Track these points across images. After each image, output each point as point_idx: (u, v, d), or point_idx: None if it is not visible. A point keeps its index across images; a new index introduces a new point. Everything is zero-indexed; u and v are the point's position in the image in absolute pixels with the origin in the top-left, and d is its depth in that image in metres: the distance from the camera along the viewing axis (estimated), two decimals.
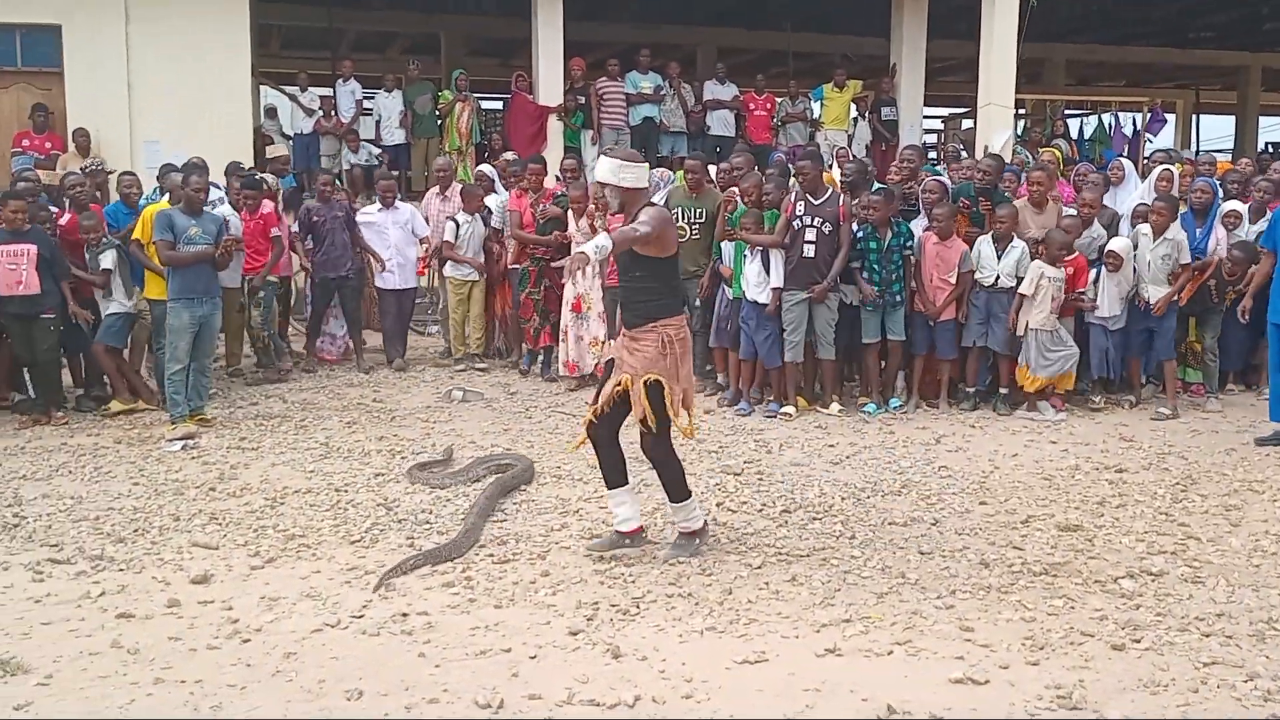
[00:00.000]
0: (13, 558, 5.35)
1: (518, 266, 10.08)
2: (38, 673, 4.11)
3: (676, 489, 5.43)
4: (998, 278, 8.55)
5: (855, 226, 8.57)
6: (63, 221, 8.81)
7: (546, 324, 9.85)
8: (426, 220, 10.66)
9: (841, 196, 8.63)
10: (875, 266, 8.54)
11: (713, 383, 9.34)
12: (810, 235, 8.35)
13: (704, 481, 6.69)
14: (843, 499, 6.37)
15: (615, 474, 5.44)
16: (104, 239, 8.56)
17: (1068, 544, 5.62)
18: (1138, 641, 4.45)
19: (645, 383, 5.24)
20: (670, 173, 10.82)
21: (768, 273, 8.46)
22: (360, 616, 4.67)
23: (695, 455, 7.30)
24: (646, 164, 5.50)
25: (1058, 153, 12.76)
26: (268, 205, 9.77)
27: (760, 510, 6.17)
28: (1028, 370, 8.50)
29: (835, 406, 8.57)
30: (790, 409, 8.47)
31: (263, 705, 3.89)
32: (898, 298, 8.60)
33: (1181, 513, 6.17)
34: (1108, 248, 8.75)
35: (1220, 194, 9.54)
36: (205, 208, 8.39)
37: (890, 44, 16.15)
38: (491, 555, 5.42)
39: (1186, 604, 4.86)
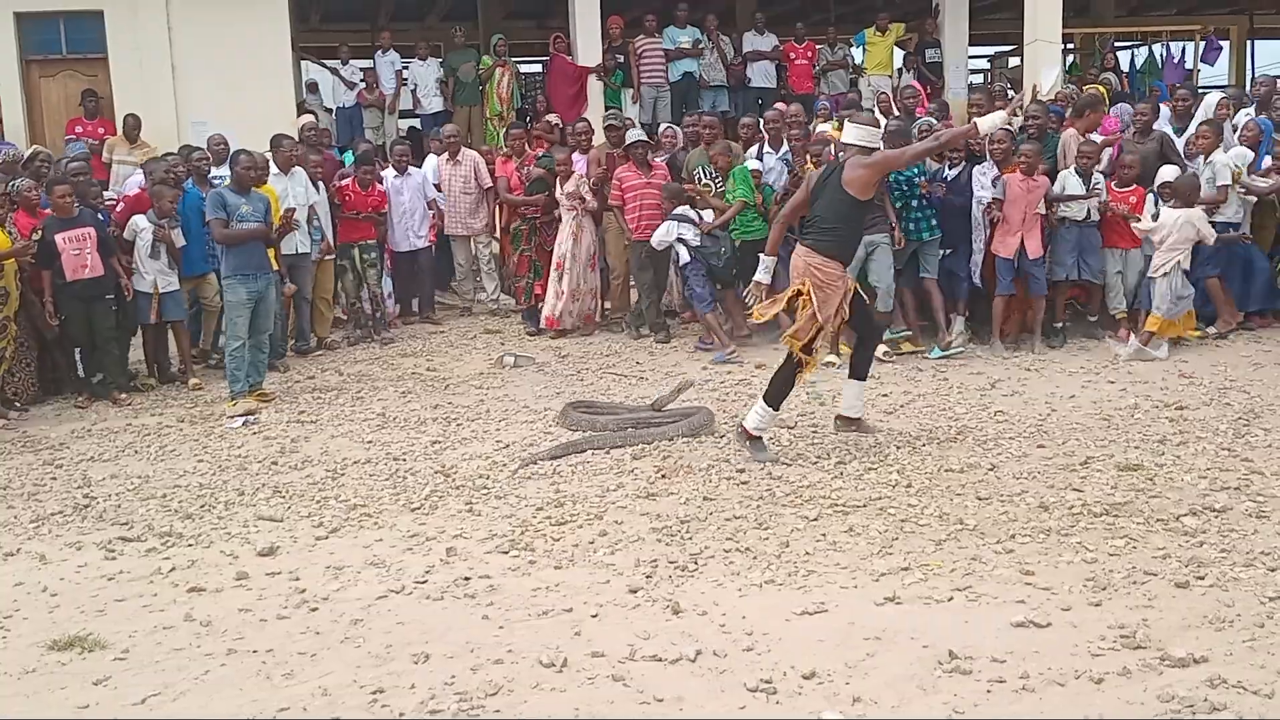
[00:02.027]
0: (85, 537, 5.50)
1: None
2: (114, 648, 4.24)
3: (776, 396, 6.24)
4: (1089, 211, 8.71)
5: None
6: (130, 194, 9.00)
7: (540, 279, 10.16)
8: (437, 187, 10.99)
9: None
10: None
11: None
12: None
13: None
14: (898, 448, 6.35)
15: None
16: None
17: (1128, 484, 5.57)
18: (1201, 579, 4.41)
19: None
20: (677, 130, 10.84)
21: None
22: (424, 582, 4.75)
23: (749, 410, 7.29)
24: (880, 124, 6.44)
25: (1103, 88, 12.47)
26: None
27: (815, 462, 6.17)
28: (1157, 317, 8.45)
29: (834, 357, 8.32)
30: (834, 357, 8.33)
31: (333, 671, 3.98)
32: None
33: (1244, 448, 6.08)
34: (1160, 179, 8.83)
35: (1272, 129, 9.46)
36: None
37: None
38: (549, 517, 5.48)
39: (1251, 539, 4.81)
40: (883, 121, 10.54)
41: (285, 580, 4.86)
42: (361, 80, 14.29)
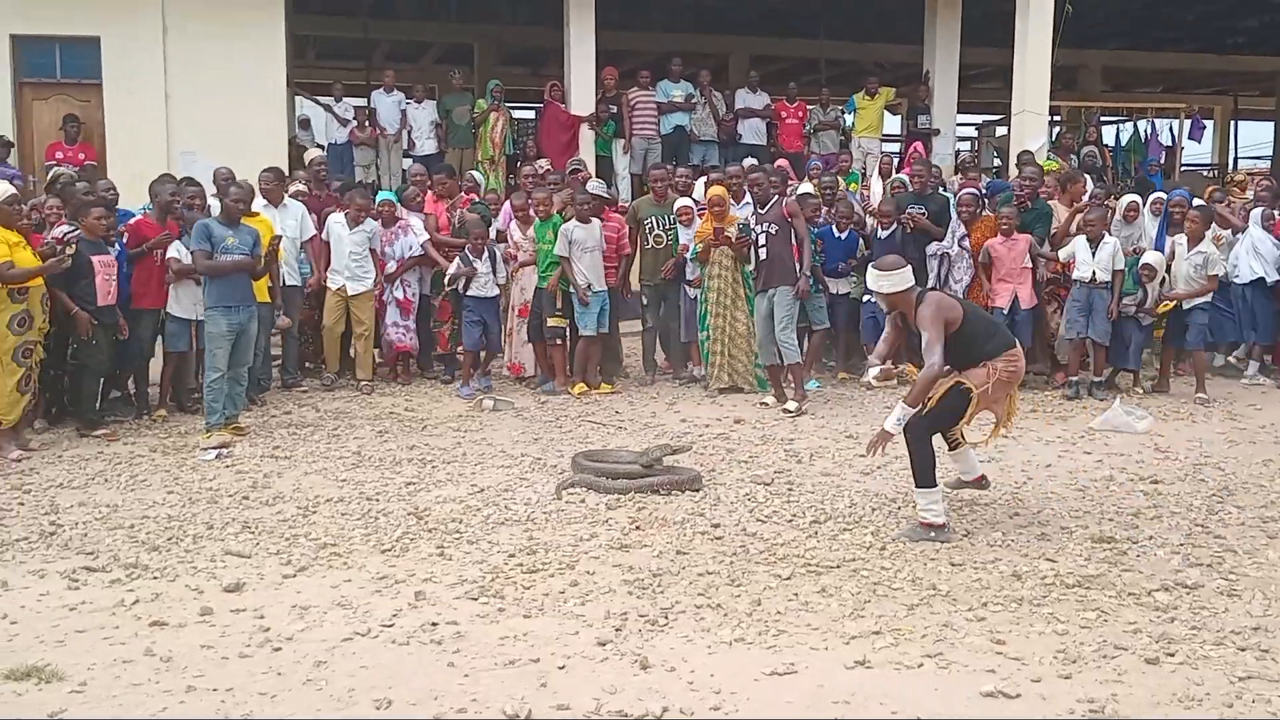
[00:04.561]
0: (49, 565, 5.42)
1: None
2: (71, 680, 4.15)
3: (924, 476, 5.84)
4: (1094, 274, 9.33)
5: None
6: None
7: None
8: None
9: (785, 201, 9.34)
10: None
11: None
12: (762, 240, 9.09)
13: (734, 491, 6.68)
14: (873, 509, 6.34)
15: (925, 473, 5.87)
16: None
17: (1101, 556, 5.56)
18: (1172, 655, 4.40)
19: (956, 385, 5.86)
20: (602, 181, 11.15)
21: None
22: (390, 625, 4.69)
23: (725, 464, 7.30)
24: (908, 266, 6.06)
25: (1054, 164, 12.83)
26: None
27: (790, 521, 6.15)
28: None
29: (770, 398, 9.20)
30: (793, 403, 8.96)
31: (293, 713, 3.92)
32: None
33: (1218, 524, 6.10)
34: (1143, 260, 9.49)
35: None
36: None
37: (924, 51, 16.08)
38: (521, 564, 5.43)
39: (1222, 617, 4.80)
40: (881, 185, 11.26)
41: (250, 618, 4.79)
42: (354, 118, 14.35)
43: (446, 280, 9.76)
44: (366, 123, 14.28)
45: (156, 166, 11.76)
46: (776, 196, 9.34)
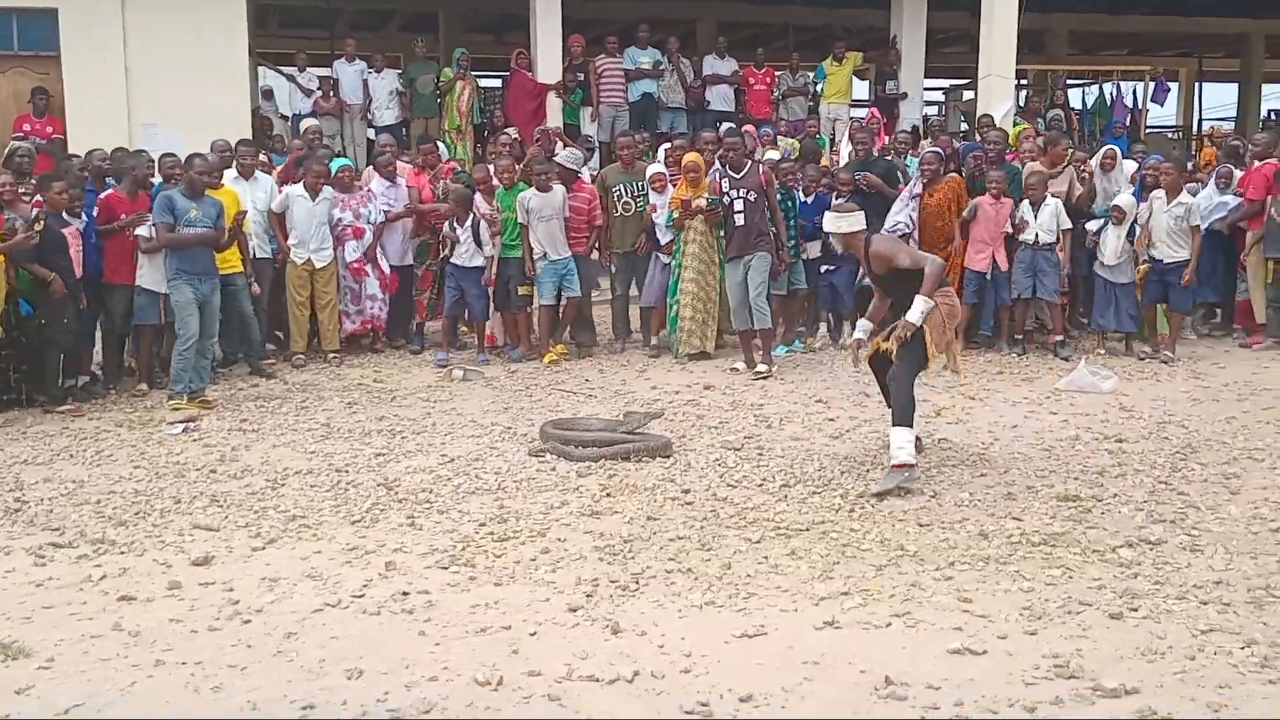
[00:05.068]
0: (14, 542, 5.38)
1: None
2: (39, 656, 4.13)
3: (903, 415, 6.17)
4: (1036, 235, 9.54)
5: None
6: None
7: (441, 298, 10.00)
8: None
9: (761, 166, 9.37)
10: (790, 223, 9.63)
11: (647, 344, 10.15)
12: (738, 206, 9.04)
13: (704, 457, 6.70)
14: (842, 473, 6.37)
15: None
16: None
17: (1066, 514, 5.63)
18: (1135, 610, 4.46)
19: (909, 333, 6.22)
20: (577, 152, 10.82)
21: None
22: (361, 596, 4.69)
23: (695, 430, 7.32)
24: (861, 211, 6.73)
25: (1023, 127, 12.88)
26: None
27: (760, 485, 6.18)
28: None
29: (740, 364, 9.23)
30: (763, 365, 9.08)
31: (263, 685, 3.91)
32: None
33: (1181, 481, 6.17)
34: (1114, 202, 9.68)
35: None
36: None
37: (891, 15, 16.04)
38: (492, 533, 5.44)
39: (1185, 572, 4.87)
40: (847, 149, 11.26)
41: (219, 591, 4.77)
42: (318, 89, 14.19)
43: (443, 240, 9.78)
44: (331, 93, 14.13)
45: (117, 140, 11.62)
46: (751, 163, 9.35)
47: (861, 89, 16.59)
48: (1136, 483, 6.15)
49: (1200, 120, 23.06)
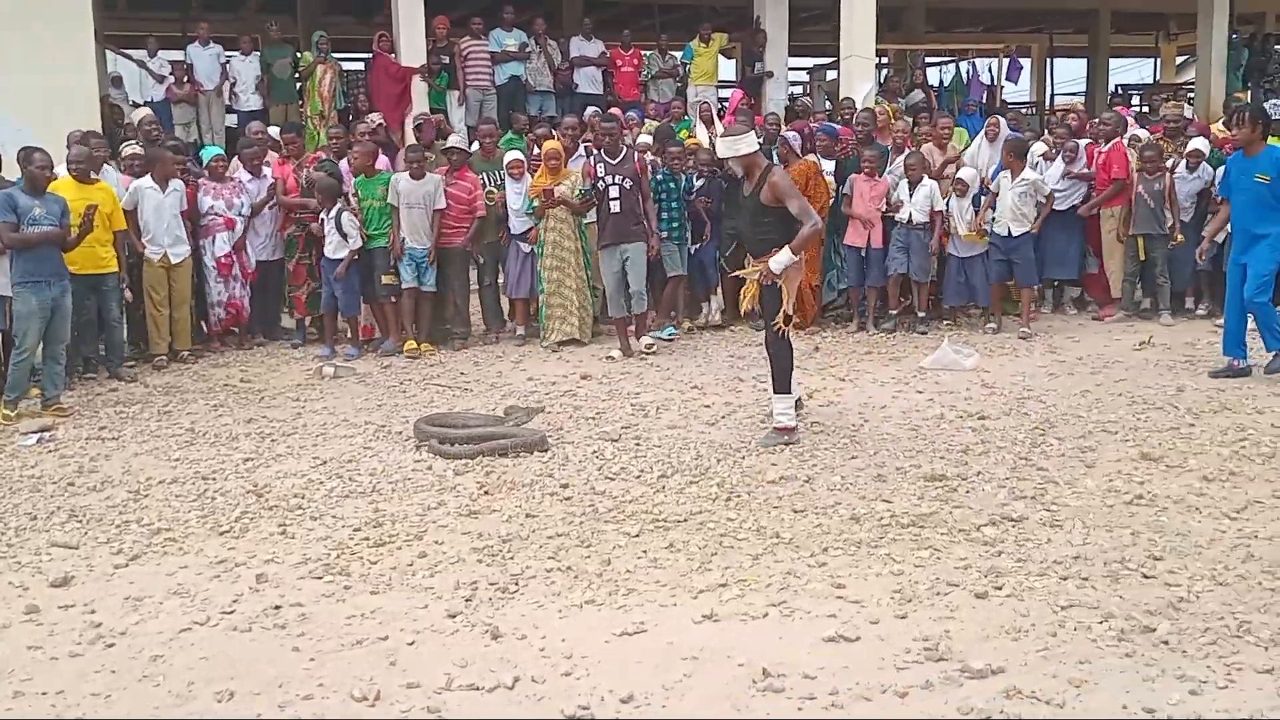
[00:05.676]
0: None
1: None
2: None
3: (782, 381, 6.63)
4: (910, 215, 9.90)
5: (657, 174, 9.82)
6: None
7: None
8: None
9: (636, 154, 9.49)
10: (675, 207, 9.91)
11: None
12: (614, 193, 9.11)
13: (582, 449, 6.70)
14: (718, 460, 6.44)
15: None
16: None
17: (934, 494, 5.79)
18: (999, 589, 4.61)
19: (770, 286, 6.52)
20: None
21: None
22: (230, 612, 4.56)
23: (572, 422, 7.31)
24: (752, 130, 6.86)
25: (890, 107, 13.32)
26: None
27: (638, 476, 6.20)
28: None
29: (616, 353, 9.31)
30: (647, 338, 9.40)
31: (129, 713, 3.78)
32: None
33: (1040, 457, 6.40)
34: (957, 174, 10.09)
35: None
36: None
37: None
38: (367, 538, 5.34)
39: (1045, 548, 5.05)
40: (706, 132, 11.28)
41: (80, 613, 4.59)
42: (171, 74, 13.66)
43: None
44: (185, 79, 13.62)
45: None
46: (626, 149, 9.35)
47: (727, 69, 16.71)
48: (999, 460, 6.36)
49: (1053, 95, 23.87)
